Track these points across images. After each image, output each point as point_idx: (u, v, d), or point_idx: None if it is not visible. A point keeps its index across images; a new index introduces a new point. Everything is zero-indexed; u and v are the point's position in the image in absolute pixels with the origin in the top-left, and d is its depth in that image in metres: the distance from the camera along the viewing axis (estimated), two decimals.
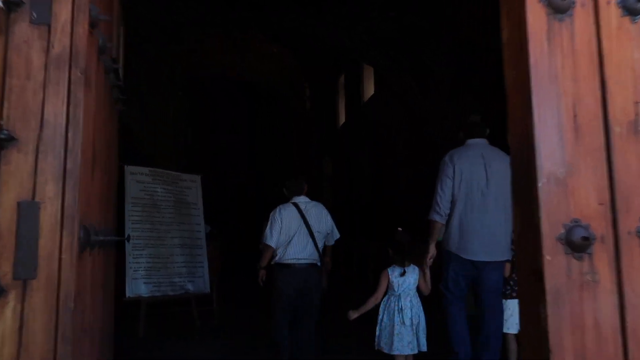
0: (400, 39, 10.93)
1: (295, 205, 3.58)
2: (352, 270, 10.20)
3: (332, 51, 18.27)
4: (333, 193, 23.36)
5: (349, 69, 19.88)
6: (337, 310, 4.07)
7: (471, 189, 3.27)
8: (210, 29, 18.28)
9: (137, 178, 4.29)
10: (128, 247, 4.07)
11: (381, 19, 10.10)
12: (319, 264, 3.55)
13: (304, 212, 3.54)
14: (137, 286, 4.06)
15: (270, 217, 3.59)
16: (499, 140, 3.75)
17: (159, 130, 16.09)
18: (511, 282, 3.19)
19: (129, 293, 4.03)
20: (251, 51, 26.22)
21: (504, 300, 3.19)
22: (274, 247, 3.45)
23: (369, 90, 17.73)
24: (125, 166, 4.26)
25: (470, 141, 3.46)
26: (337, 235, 3.77)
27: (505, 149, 3.63)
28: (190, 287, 4.37)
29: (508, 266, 3.19)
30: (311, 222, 3.53)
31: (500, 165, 3.27)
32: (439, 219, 3.30)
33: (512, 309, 3.20)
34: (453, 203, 3.30)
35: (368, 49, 11.57)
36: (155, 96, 15.50)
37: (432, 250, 3.30)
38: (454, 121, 11.75)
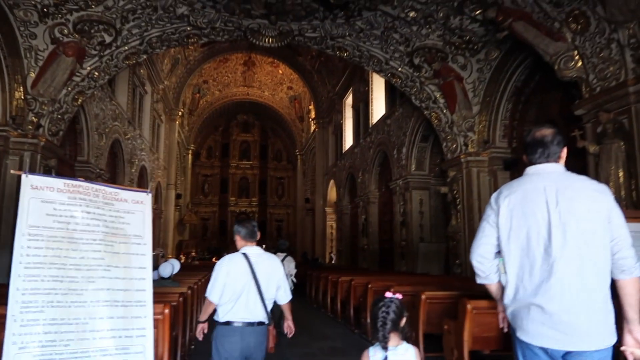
0: (434, 48, 9.57)
1: (246, 257, 3.22)
2: None
3: (349, 63, 17.06)
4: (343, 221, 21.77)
5: (357, 89, 18.62)
6: None
7: (528, 241, 2.24)
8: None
9: (44, 195, 2.70)
10: (13, 307, 2.48)
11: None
12: (266, 322, 3.24)
13: (253, 266, 3.19)
14: None
15: (215, 269, 3.20)
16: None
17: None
18: None
19: None
20: (260, 72, 25.37)
21: None
22: (216, 304, 3.17)
23: (379, 110, 16.38)
24: (24, 175, 2.70)
25: (531, 169, 2.39)
26: (288, 295, 3.43)
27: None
28: None
29: None
30: (261, 279, 3.20)
31: (581, 204, 2.20)
32: (481, 281, 2.48)
33: None
34: (505, 261, 2.36)
35: (396, 58, 10.22)
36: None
37: (499, 308, 2.49)
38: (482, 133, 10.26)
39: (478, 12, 8.35)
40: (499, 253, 2.41)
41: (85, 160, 12.16)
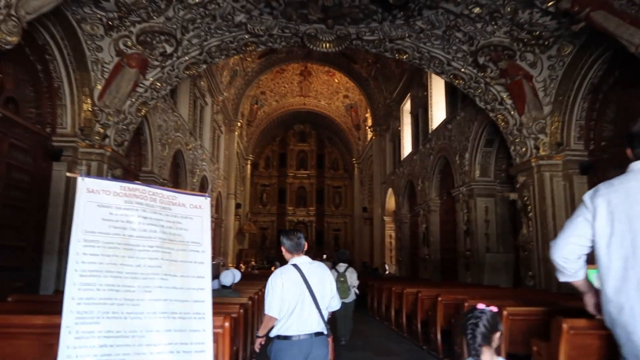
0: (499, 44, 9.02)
1: (297, 267, 3.20)
2: None
3: (406, 68, 16.63)
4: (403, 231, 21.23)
5: (415, 94, 18.12)
6: None
7: (634, 249, 1.88)
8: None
9: (100, 199, 2.58)
10: (68, 317, 2.35)
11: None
12: (325, 332, 3.16)
13: (306, 276, 3.15)
14: None
15: (269, 284, 3.18)
16: None
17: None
18: None
19: None
20: (317, 81, 25.47)
21: None
22: (278, 318, 3.12)
23: (439, 115, 15.83)
24: (80, 178, 2.59)
25: (637, 164, 2.05)
26: (337, 304, 3.36)
27: None
28: None
29: None
30: (314, 287, 3.16)
31: None
32: (566, 279, 2.21)
33: None
34: (602, 272, 2.01)
35: (459, 58, 9.75)
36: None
37: (588, 301, 2.28)
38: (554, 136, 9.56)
39: (550, 3, 7.77)
40: (589, 259, 2.11)
41: (149, 170, 12.46)
